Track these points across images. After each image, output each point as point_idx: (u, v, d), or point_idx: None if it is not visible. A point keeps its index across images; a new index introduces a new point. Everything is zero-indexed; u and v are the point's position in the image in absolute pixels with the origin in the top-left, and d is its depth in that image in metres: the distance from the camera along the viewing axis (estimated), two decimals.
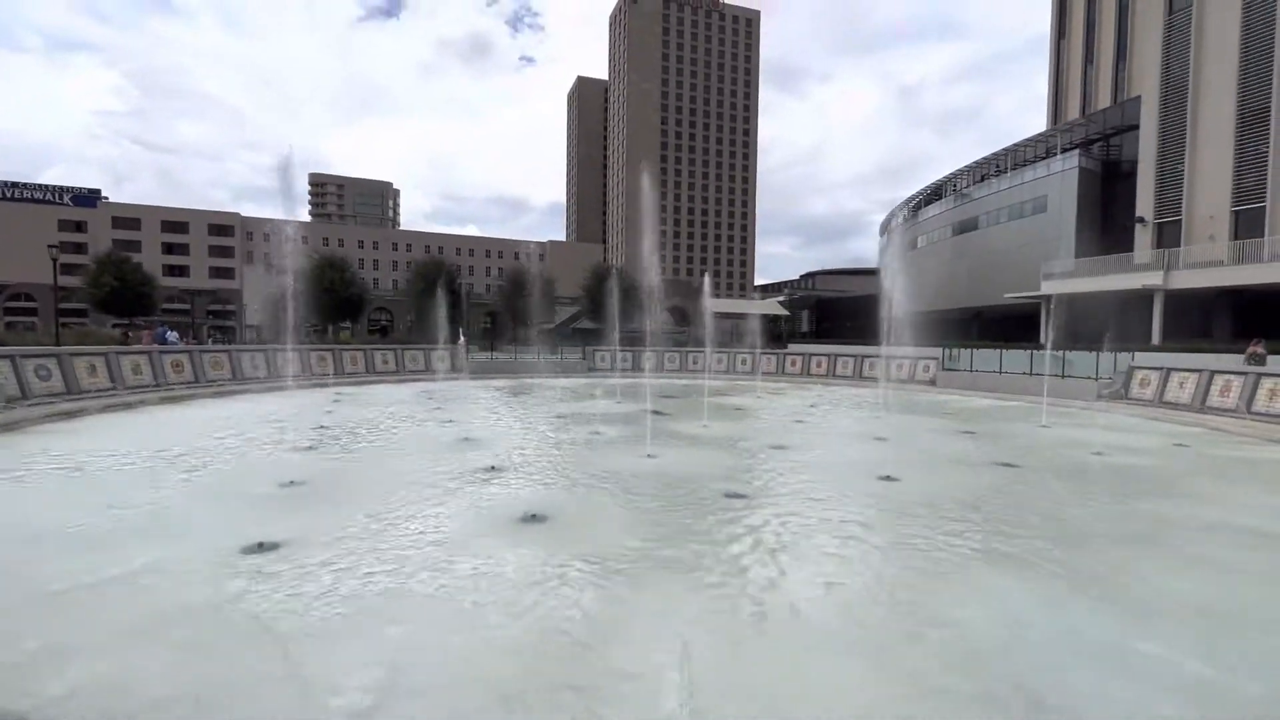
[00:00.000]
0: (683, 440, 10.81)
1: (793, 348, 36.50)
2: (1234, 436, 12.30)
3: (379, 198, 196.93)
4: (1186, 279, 27.46)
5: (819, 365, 26.97)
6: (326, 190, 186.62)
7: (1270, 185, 26.65)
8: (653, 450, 9.52)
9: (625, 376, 26.73)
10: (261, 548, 5.00)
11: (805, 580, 4.58)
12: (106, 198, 75.40)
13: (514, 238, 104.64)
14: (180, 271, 70.36)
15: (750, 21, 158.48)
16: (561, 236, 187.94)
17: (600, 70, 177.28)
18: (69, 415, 12.34)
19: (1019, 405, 17.22)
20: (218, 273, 73.21)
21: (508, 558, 4.88)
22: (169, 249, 72.27)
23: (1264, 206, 26.84)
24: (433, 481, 7.47)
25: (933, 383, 23.12)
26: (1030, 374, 19.89)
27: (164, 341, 23.11)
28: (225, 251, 74.55)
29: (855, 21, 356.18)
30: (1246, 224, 27.49)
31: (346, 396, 17.33)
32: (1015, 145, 45.28)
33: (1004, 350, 21.16)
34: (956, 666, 3.39)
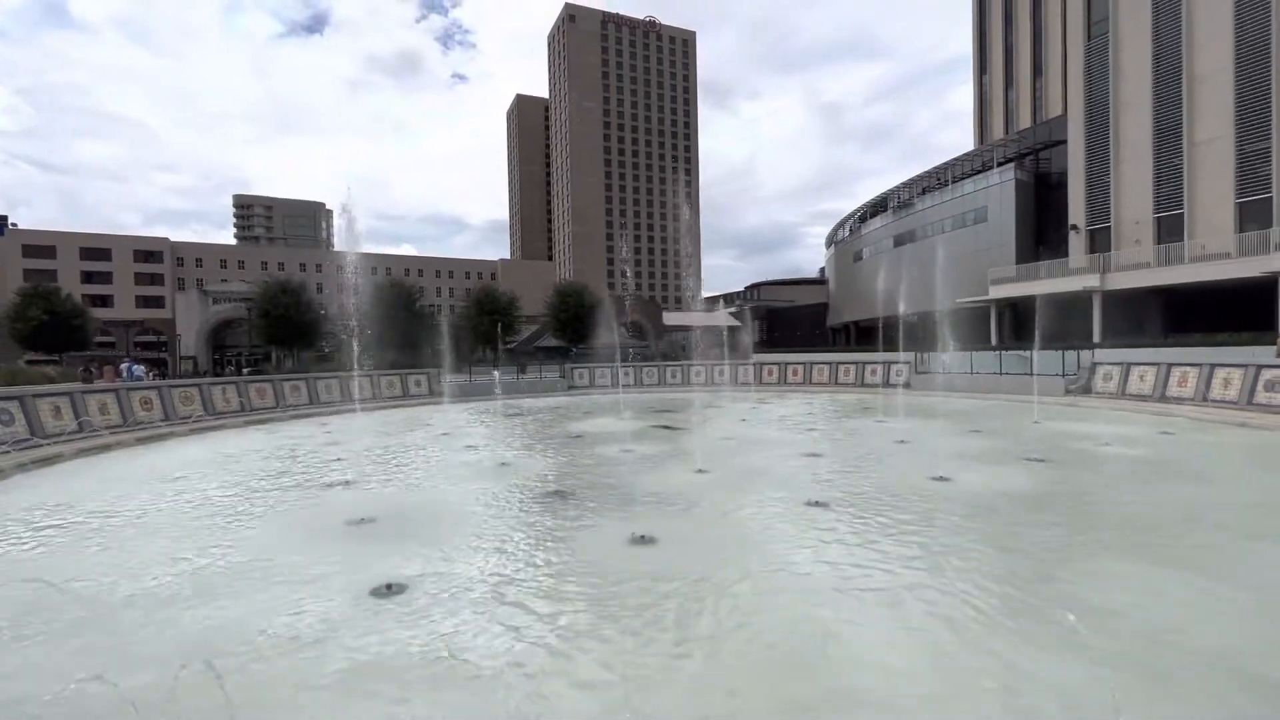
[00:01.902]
0: (718, 454, 10.92)
1: (757, 357, 37.23)
2: (1205, 423, 13.43)
3: (310, 219, 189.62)
4: (1120, 280, 29.91)
5: (795, 373, 27.73)
6: (254, 212, 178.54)
7: (1186, 193, 29.43)
8: (701, 465, 9.59)
9: (606, 393, 26.68)
10: (390, 589, 4.79)
11: (957, 576, 4.75)
12: (15, 224, 69.52)
13: (455, 256, 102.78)
14: (103, 302, 65.30)
15: (687, 42, 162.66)
16: (503, 254, 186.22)
17: (538, 88, 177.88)
18: (46, 462, 11.33)
19: (999, 404, 18.23)
20: (146, 302, 68.34)
21: (667, 578, 4.83)
22: (89, 278, 66.97)
23: (1182, 214, 29.59)
24: (506, 508, 7.32)
25: (907, 385, 24.14)
26: (1000, 374, 21.10)
27: (132, 378, 21.50)
28: (154, 279, 69.73)
29: (780, 41, 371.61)
30: (1168, 229, 30.22)
31: (335, 427, 16.59)
32: (950, 161, 48.20)
33: (973, 352, 22.34)
34: (1161, 643, 3.62)
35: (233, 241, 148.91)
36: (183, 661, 3.59)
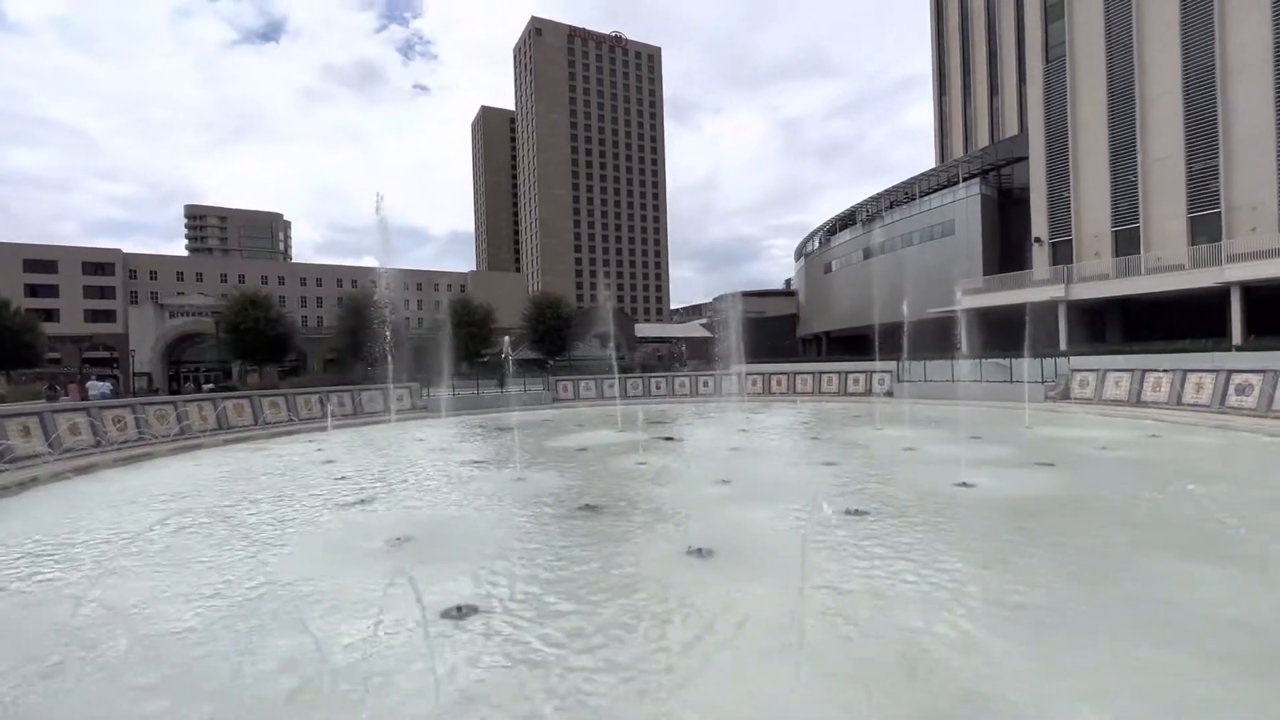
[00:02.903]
0: (732, 464, 10.92)
1: (742, 367, 37.52)
2: (1184, 426, 14.05)
3: (267, 230, 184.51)
4: (1083, 291, 31.30)
5: (779, 383, 28.03)
6: (207, 223, 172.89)
7: (1141, 208, 31.06)
8: (723, 476, 9.57)
9: (593, 405, 26.50)
10: (461, 611, 4.62)
11: (1033, 579, 4.82)
12: None
13: (423, 268, 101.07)
14: (49, 316, 61.75)
15: (652, 58, 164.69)
16: (467, 265, 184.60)
17: (503, 100, 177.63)
18: (22, 486, 10.62)
19: (985, 410, 18.72)
20: (95, 316, 64.91)
21: (744, 592, 4.77)
22: (33, 291, 63.28)
23: (1138, 227, 31.21)
24: (542, 524, 7.16)
25: (890, 394, 24.65)
26: (981, 381, 21.73)
27: (99, 396, 20.38)
28: (105, 292, 66.33)
29: (741, 59, 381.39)
30: (1125, 242, 31.81)
31: (324, 444, 16.03)
32: (915, 177, 49.85)
33: (954, 361, 22.95)
34: (1255, 639, 3.73)
35: (183, 253, 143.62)
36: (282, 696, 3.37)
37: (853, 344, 54.57)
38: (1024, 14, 40.07)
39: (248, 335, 32.25)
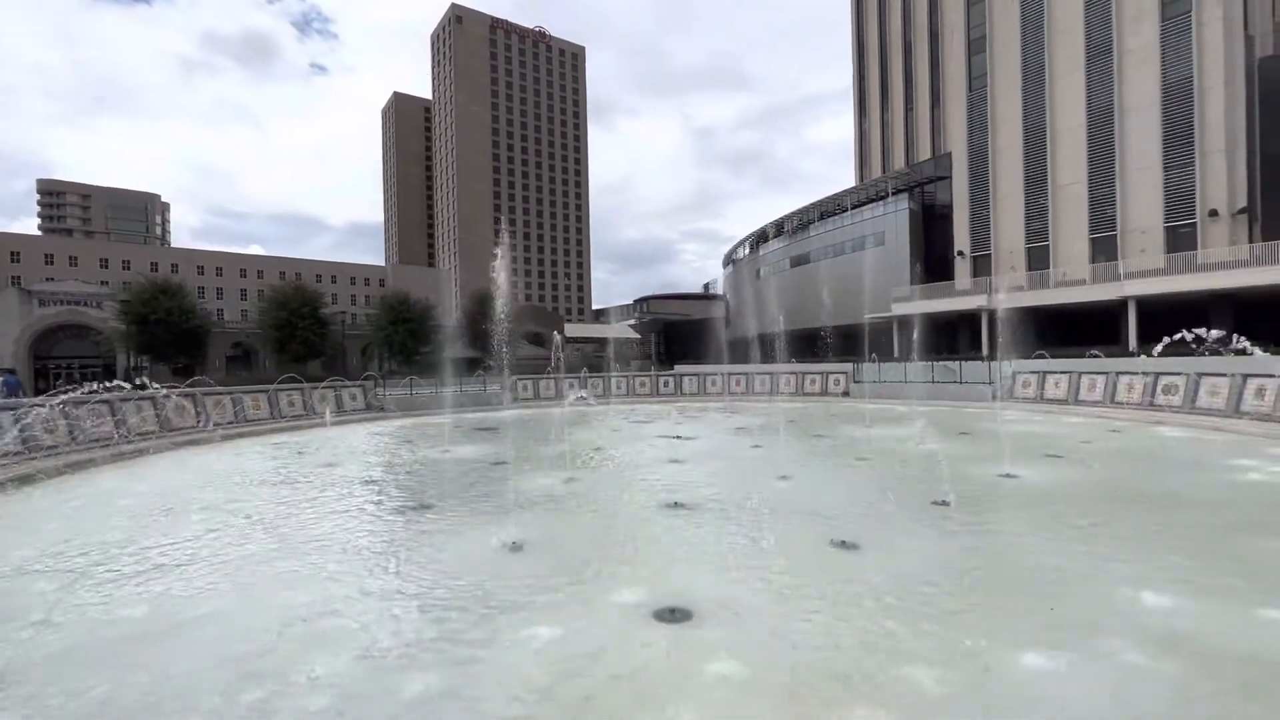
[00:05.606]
0: (768, 461, 11.10)
1: (703, 368, 38.08)
2: (1133, 422, 15.79)
3: (141, 212, 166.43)
4: (1004, 301, 34.42)
5: (737, 384, 28.73)
6: (66, 200, 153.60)
7: (1051, 228, 34.66)
8: (779, 473, 9.72)
9: (556, 406, 25.95)
10: (673, 614, 4.44)
11: (1168, 560, 5.28)
12: None
13: (326, 258, 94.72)
14: None
15: (576, 56, 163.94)
16: (371, 259, 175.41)
17: (410, 86, 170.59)
18: None
19: (944, 409, 20.13)
20: None
21: (944, 578, 4.89)
22: None
23: (1047, 245, 34.80)
24: (651, 521, 6.98)
25: (846, 394, 25.93)
26: (933, 382, 23.38)
27: (15, 394, 17.50)
28: None
29: (656, 65, 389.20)
30: (1036, 258, 35.42)
31: (298, 446, 14.72)
32: (839, 193, 52.84)
33: (908, 363, 24.54)
34: None
35: (36, 233, 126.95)
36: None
37: (786, 346, 56.92)
38: (940, 43, 43.54)
39: (158, 328, 28.76)
